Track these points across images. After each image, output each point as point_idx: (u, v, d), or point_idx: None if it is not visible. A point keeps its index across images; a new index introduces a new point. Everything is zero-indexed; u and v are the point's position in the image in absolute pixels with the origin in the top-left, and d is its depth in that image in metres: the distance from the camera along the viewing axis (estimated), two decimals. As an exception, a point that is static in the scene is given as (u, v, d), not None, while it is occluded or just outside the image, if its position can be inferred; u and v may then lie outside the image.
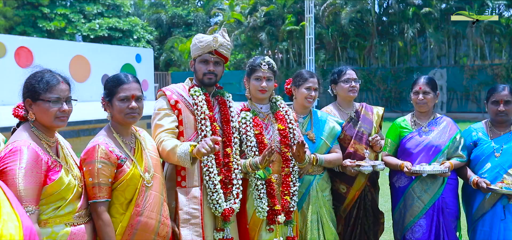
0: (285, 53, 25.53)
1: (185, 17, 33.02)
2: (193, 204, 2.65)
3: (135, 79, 2.40)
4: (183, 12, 33.10)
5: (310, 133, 3.33)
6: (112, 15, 28.28)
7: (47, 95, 2.08)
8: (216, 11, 29.04)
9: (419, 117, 3.48)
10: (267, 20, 24.25)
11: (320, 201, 3.29)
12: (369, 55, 23.50)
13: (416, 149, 3.36)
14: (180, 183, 2.70)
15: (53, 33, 25.92)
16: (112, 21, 27.30)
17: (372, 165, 3.35)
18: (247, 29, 24.62)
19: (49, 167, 2.06)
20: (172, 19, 33.11)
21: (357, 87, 3.60)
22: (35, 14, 26.18)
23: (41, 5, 26.05)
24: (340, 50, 23.94)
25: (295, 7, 23.70)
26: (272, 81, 3.03)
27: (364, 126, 3.60)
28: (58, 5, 26.86)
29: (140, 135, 2.51)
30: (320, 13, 22.87)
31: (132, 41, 27.94)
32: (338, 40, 23.43)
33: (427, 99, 3.36)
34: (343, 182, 3.51)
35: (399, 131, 3.48)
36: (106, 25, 26.90)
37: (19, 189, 1.91)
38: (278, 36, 24.17)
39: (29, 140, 2.04)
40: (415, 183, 3.35)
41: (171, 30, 33.04)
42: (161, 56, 30.61)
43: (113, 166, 2.25)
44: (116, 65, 22.99)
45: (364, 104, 3.75)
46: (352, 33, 22.79)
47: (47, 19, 26.12)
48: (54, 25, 25.79)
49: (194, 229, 2.63)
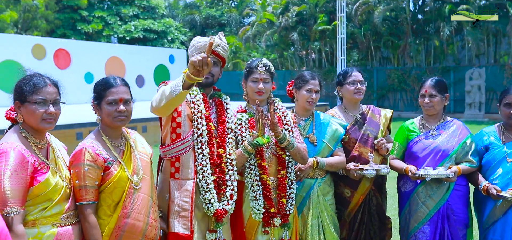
0: (317, 53, 25.31)
1: (218, 18, 33.35)
2: (184, 197, 2.65)
3: (124, 82, 2.43)
4: (217, 13, 33.43)
5: (312, 136, 3.28)
6: (147, 17, 28.93)
7: (33, 97, 2.13)
8: (249, 12, 29.13)
9: (428, 120, 3.36)
10: (299, 20, 24.11)
11: (322, 205, 3.24)
12: (403, 54, 22.94)
13: (423, 153, 3.25)
14: (173, 175, 2.71)
15: (91, 35, 26.78)
16: (147, 23, 27.93)
17: (375, 168, 3.27)
18: (279, 29, 24.57)
19: (36, 169, 2.11)
20: (206, 20, 33.52)
21: (363, 89, 3.52)
22: (74, 17, 27.13)
23: (80, 9, 26.98)
24: (373, 50, 23.50)
25: (327, 7, 23.45)
26: (270, 83, 3.01)
27: (370, 129, 3.51)
28: (96, 8, 27.73)
29: (130, 137, 2.54)
30: (352, 12, 22.53)
31: (167, 42, 28.49)
32: (371, 39, 23.01)
33: (433, 102, 3.24)
34: (347, 186, 3.44)
35: (406, 134, 3.38)
36: (141, 27, 27.55)
37: (5, 190, 1.97)
38: (310, 36, 23.99)
39: (16, 143, 2.10)
40: (420, 188, 3.24)
41: (204, 31, 33.43)
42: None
43: (99, 168, 2.28)
44: (150, 65, 23.56)
45: (371, 106, 3.67)
46: (386, 32, 22.31)
47: (85, 22, 27.01)
48: (92, 27, 26.65)
49: (183, 222, 2.63)
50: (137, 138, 2.60)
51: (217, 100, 2.96)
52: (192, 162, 2.70)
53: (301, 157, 2.98)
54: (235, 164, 2.85)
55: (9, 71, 17.26)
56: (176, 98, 2.43)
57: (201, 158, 2.71)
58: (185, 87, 2.38)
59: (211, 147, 2.77)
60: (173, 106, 2.55)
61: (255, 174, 2.89)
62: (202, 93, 2.85)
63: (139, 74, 22.93)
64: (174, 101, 2.46)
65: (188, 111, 2.76)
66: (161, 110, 2.56)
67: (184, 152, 2.71)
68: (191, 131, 2.73)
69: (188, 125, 2.74)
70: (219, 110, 2.91)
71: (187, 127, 2.74)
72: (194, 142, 2.72)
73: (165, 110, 2.58)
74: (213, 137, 2.80)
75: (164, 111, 2.59)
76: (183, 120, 2.74)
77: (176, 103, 2.52)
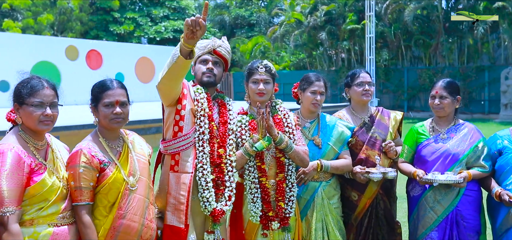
0: (346, 53, 25.01)
1: (247, 18, 33.46)
2: (181, 190, 2.65)
3: (121, 85, 2.47)
4: (246, 13, 33.56)
5: (316, 138, 3.24)
6: (177, 18, 29.36)
7: (30, 99, 2.19)
8: (277, 12, 29.07)
9: (438, 122, 3.26)
10: (328, 19, 23.90)
11: (326, 208, 3.19)
12: (435, 53, 22.38)
13: (432, 157, 3.15)
14: (173, 167, 2.70)
15: (122, 36, 27.41)
16: (177, 24, 28.35)
17: (382, 172, 3.20)
18: (307, 28, 24.43)
19: (33, 169, 2.16)
20: (235, 20, 33.71)
21: (371, 91, 3.45)
22: (107, 19, 27.85)
23: (113, 10, 27.67)
24: (403, 49, 23.02)
25: (357, 6, 23.14)
26: (271, 84, 2.99)
27: (378, 131, 3.43)
28: (127, 10, 28.35)
29: (128, 139, 2.57)
30: (382, 11, 22.14)
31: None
32: (401, 38, 22.55)
33: (443, 104, 3.14)
34: (354, 189, 3.38)
35: (416, 137, 3.29)
36: (171, 28, 27.99)
37: (2, 190, 2.03)
38: (339, 35, 23.74)
39: (14, 144, 2.16)
40: (428, 193, 3.15)
41: (234, 31, 33.64)
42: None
43: (94, 170, 2.32)
44: (179, 66, 23.88)
45: (380, 108, 3.59)
46: (417, 30, 21.82)
47: (117, 23, 27.67)
48: (123, 28, 27.27)
49: (178, 215, 2.63)
50: (136, 139, 2.63)
51: (220, 101, 2.96)
52: (192, 157, 2.69)
53: (301, 160, 2.94)
54: (235, 165, 2.84)
55: (44, 72, 17.66)
56: (175, 66, 2.43)
57: (201, 156, 2.70)
58: (183, 53, 2.39)
59: (212, 146, 2.77)
60: (174, 77, 2.53)
61: (254, 176, 2.88)
62: (206, 92, 2.86)
63: (169, 74, 23.26)
64: (174, 69, 2.46)
65: (192, 106, 2.75)
66: (164, 82, 2.56)
67: (184, 148, 2.70)
68: (193, 128, 2.73)
69: (191, 120, 2.74)
70: (222, 111, 2.91)
71: (189, 122, 2.73)
72: (195, 140, 2.72)
73: (167, 82, 2.56)
74: (214, 137, 2.80)
75: (167, 83, 2.57)
76: (187, 113, 2.73)
77: (177, 73, 2.50)
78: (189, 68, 2.56)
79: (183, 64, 2.45)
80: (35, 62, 17.80)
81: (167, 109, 2.78)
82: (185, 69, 2.50)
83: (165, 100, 2.75)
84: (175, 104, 2.74)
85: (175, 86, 2.65)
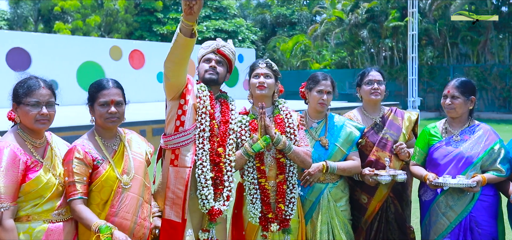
0: (389, 51, 24.36)
1: (289, 16, 33.30)
2: (179, 185, 2.66)
3: (117, 84, 2.51)
4: (287, 11, 33.41)
5: (323, 138, 3.16)
6: (219, 18, 29.66)
7: (27, 99, 2.27)
8: (318, 10, 28.75)
9: (452, 124, 3.10)
10: (369, 17, 23.34)
11: (332, 211, 3.11)
12: (483, 50, 21.35)
13: (444, 160, 3.00)
14: (173, 162, 2.72)
15: (166, 36, 28.01)
16: (219, 23, 28.66)
17: (391, 174, 3.09)
18: (348, 26, 23.99)
19: (28, 167, 2.24)
20: (276, 19, 33.65)
21: (380, 90, 3.33)
22: (150, 20, 28.57)
23: (156, 11, 28.35)
24: (449, 46, 22.12)
25: (400, 2, 22.45)
26: (272, 79, 2.93)
27: (390, 132, 3.31)
28: (171, 10, 28.96)
29: (126, 137, 2.61)
30: (426, 7, 21.38)
31: (237, 42, 29.00)
32: (447, 35, 21.66)
33: (455, 105, 2.98)
34: (364, 191, 3.28)
35: (427, 139, 3.14)
36: (213, 27, 28.30)
37: None
38: (381, 33, 23.14)
39: (11, 142, 2.25)
40: (440, 198, 3.00)
41: (275, 30, 33.59)
42: (264, 55, 31.31)
43: (87, 166, 2.37)
44: (219, 65, 24.15)
45: (394, 108, 3.46)
46: (464, 27, 20.88)
47: (160, 24, 28.31)
48: (166, 28, 27.86)
49: (176, 210, 2.64)
50: (134, 138, 2.66)
51: (223, 101, 2.95)
52: (191, 153, 2.70)
53: (301, 161, 2.88)
54: (235, 165, 2.83)
55: (90, 72, 18.64)
56: (176, 45, 2.45)
57: (201, 152, 2.71)
58: (183, 31, 2.41)
59: (212, 144, 2.77)
60: (176, 59, 2.53)
61: (253, 177, 2.85)
62: (209, 91, 2.86)
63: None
64: (175, 49, 2.48)
65: (194, 101, 2.77)
66: (167, 64, 2.57)
67: (185, 144, 2.71)
68: (194, 124, 2.74)
69: (193, 116, 2.74)
70: (224, 110, 2.91)
71: (191, 118, 2.74)
72: (195, 136, 2.73)
73: (170, 65, 2.57)
74: (215, 135, 2.80)
75: (170, 67, 2.58)
76: (189, 109, 2.74)
77: (178, 53, 2.50)
78: (190, 49, 2.53)
79: (184, 43, 2.44)
80: (82, 62, 18.56)
81: (170, 103, 2.79)
82: (185, 49, 2.49)
83: (169, 90, 2.74)
84: (178, 98, 2.75)
85: (178, 71, 2.62)
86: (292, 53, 27.43)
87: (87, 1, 27.79)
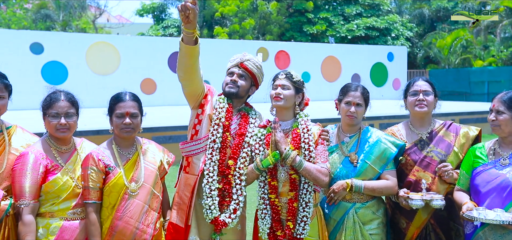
0: None
1: (450, 10, 30.38)
2: (186, 191, 2.81)
3: (133, 97, 2.75)
4: (449, 4, 30.52)
5: (352, 154, 2.94)
6: (370, 15, 28.72)
7: (49, 110, 2.65)
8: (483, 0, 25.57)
9: (501, 144, 2.60)
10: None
11: (358, 233, 2.88)
12: None
13: (486, 188, 2.55)
14: (185, 168, 2.90)
15: (315, 36, 28.32)
16: (370, 21, 27.74)
17: (425, 199, 2.73)
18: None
19: (49, 170, 2.62)
20: (436, 13, 31.04)
21: (426, 101, 2.96)
22: (301, 20, 29.18)
23: (307, 11, 28.84)
24: None
25: None
26: (291, 90, 2.85)
27: (436, 150, 2.93)
28: (321, 10, 29.13)
29: (142, 147, 2.83)
30: None
31: (390, 39, 27.70)
32: None
33: (499, 121, 2.51)
34: (403, 215, 2.99)
35: (472, 161, 2.69)
36: (363, 25, 27.54)
37: (21, 185, 2.55)
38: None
39: (36, 148, 2.65)
40: (480, 232, 2.55)
41: (434, 25, 31.04)
42: (419, 53, 29.21)
43: (100, 172, 2.66)
44: (366, 64, 23.46)
45: (447, 123, 3.04)
46: None
47: (311, 24, 28.71)
48: (316, 28, 28.14)
49: (181, 215, 2.79)
50: (150, 148, 2.88)
51: (243, 114, 2.99)
52: (201, 161, 2.83)
53: (314, 179, 2.74)
54: (246, 179, 2.85)
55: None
56: (180, 53, 2.64)
57: (209, 163, 2.80)
58: (185, 40, 2.57)
59: (222, 156, 2.84)
60: (183, 67, 2.71)
61: (263, 192, 2.82)
62: (228, 103, 2.94)
63: (355, 72, 23.08)
64: (180, 57, 2.66)
65: (211, 112, 2.89)
66: (178, 72, 2.77)
67: (196, 153, 2.86)
68: (207, 135, 2.86)
69: (207, 126, 2.87)
70: (241, 123, 2.94)
71: (205, 128, 2.87)
72: (206, 146, 2.84)
73: (180, 73, 2.76)
74: (228, 147, 2.86)
75: (181, 75, 2.77)
76: (204, 119, 2.88)
77: (183, 61, 2.68)
78: (196, 56, 2.69)
79: (188, 51, 2.61)
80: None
81: (191, 112, 2.99)
82: (190, 56, 2.65)
83: (188, 99, 2.94)
84: (197, 108, 2.92)
85: (190, 79, 2.80)
86: (450, 50, 25.00)
87: (244, 6, 29.76)
